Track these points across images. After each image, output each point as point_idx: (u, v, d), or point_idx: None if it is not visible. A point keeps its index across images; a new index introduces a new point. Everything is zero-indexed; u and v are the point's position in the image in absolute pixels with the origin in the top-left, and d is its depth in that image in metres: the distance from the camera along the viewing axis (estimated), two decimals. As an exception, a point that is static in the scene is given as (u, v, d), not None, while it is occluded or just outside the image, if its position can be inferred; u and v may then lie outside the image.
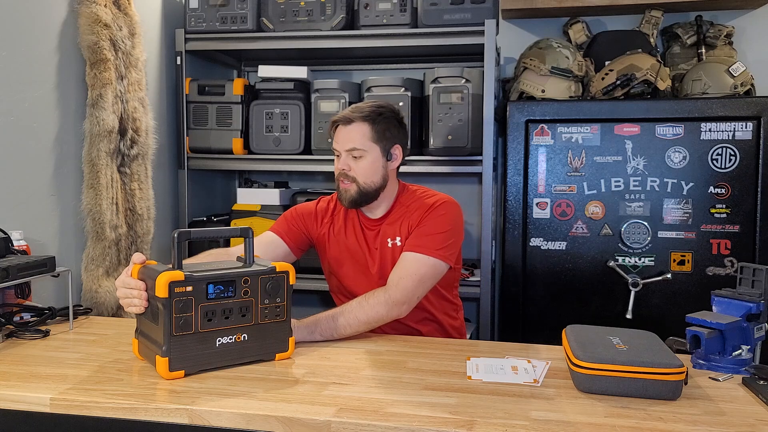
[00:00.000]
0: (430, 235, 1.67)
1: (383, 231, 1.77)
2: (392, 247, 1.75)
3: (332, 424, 1.07)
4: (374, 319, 1.57)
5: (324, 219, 1.84)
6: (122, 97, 2.13)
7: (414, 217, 1.73)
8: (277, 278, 1.37)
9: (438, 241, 1.66)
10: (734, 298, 1.37)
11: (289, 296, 1.39)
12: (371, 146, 1.70)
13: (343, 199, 1.74)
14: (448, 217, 1.71)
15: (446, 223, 1.70)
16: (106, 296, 2.05)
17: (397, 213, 1.78)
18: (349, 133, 1.70)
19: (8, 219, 1.77)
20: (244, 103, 2.58)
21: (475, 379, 1.27)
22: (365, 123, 1.70)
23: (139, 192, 2.22)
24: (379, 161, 1.72)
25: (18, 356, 1.41)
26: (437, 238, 1.66)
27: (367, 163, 1.70)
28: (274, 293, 1.36)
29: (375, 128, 1.70)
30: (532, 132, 2.36)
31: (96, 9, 2.02)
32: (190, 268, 1.30)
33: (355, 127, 1.70)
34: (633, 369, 1.16)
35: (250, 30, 2.51)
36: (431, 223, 1.69)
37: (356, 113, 1.71)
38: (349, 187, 1.71)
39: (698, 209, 2.27)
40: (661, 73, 2.33)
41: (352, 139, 1.70)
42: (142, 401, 1.14)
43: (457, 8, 2.34)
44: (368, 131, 1.70)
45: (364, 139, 1.70)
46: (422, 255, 1.64)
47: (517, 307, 2.41)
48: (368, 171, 1.70)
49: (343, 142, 1.71)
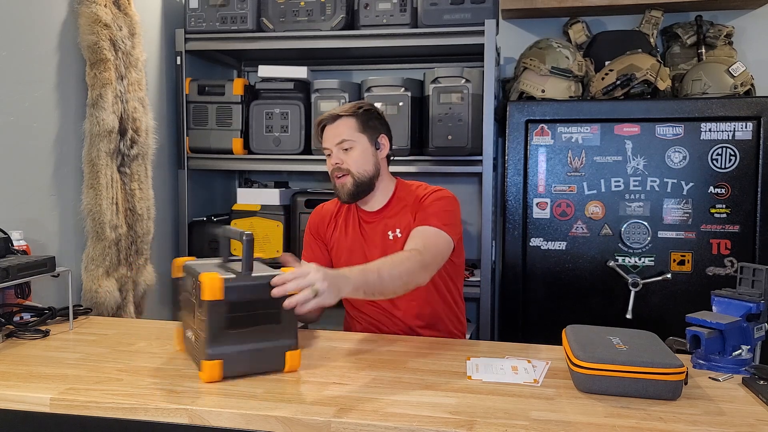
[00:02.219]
0: (436, 213, 1.71)
1: (382, 224, 1.81)
2: (393, 239, 1.78)
3: (332, 424, 1.07)
4: (412, 280, 1.52)
5: (329, 222, 1.90)
6: (122, 97, 2.13)
7: (414, 205, 1.78)
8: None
9: (444, 218, 1.71)
10: (734, 298, 1.37)
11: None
12: (359, 137, 1.78)
13: (341, 194, 1.79)
14: (449, 200, 1.77)
15: (448, 204, 1.76)
16: (106, 296, 2.04)
17: (395, 207, 1.82)
18: (336, 128, 1.78)
19: (8, 219, 1.77)
20: (244, 103, 2.58)
21: (475, 379, 1.27)
22: (350, 117, 1.79)
23: (139, 192, 2.22)
24: (368, 150, 1.79)
25: (18, 356, 1.41)
26: (443, 215, 1.72)
27: (357, 153, 1.77)
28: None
29: (359, 120, 1.79)
30: (532, 132, 2.36)
31: (96, 9, 2.01)
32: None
33: (341, 122, 1.79)
34: (633, 369, 1.16)
35: (250, 30, 2.51)
36: (436, 203, 1.74)
37: (340, 111, 1.81)
38: (345, 180, 1.77)
39: (698, 209, 2.26)
40: (661, 73, 2.33)
41: (341, 133, 1.77)
42: (142, 401, 1.14)
43: (457, 8, 2.34)
44: (353, 123, 1.78)
45: (352, 131, 1.78)
46: (434, 228, 1.68)
47: (517, 307, 2.41)
48: (360, 160, 1.77)
49: (332, 138, 1.79)
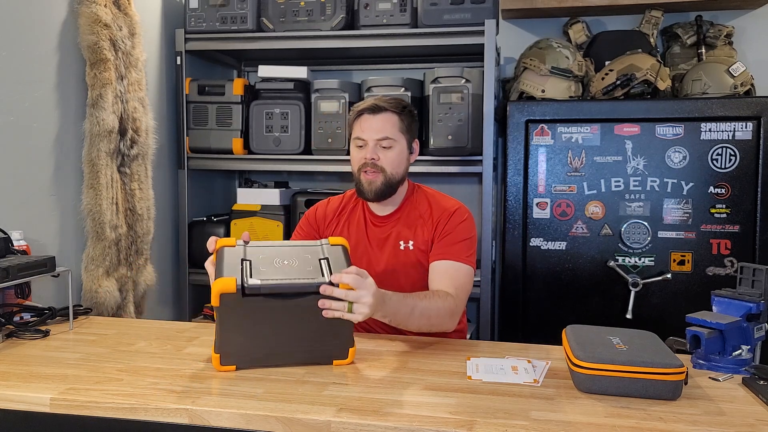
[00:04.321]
0: (461, 243, 1.67)
1: (393, 230, 1.76)
2: (405, 250, 1.73)
3: (332, 424, 1.07)
4: (437, 324, 1.52)
5: (332, 218, 1.84)
6: (122, 97, 2.13)
7: (431, 221, 1.72)
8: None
9: (468, 248, 1.67)
10: (734, 298, 1.37)
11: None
12: (400, 137, 1.70)
13: (368, 191, 1.70)
14: (469, 223, 1.72)
15: (470, 228, 1.71)
16: (106, 296, 2.05)
17: (407, 213, 1.76)
18: (379, 122, 1.68)
19: (8, 219, 1.77)
20: (244, 103, 2.58)
21: (475, 379, 1.27)
22: (394, 114, 1.70)
23: (139, 192, 2.22)
24: (404, 153, 1.72)
25: (18, 356, 1.41)
26: (467, 244, 1.68)
27: (395, 154, 1.69)
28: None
29: (403, 120, 1.71)
30: (532, 132, 2.36)
31: (96, 9, 2.01)
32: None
33: (385, 116, 1.69)
34: (633, 369, 1.16)
35: (250, 30, 2.51)
36: (460, 230, 1.69)
37: (384, 103, 1.70)
38: (376, 177, 1.68)
39: (698, 209, 2.26)
40: (661, 73, 2.33)
41: (384, 129, 1.68)
42: (142, 401, 1.14)
43: (457, 8, 2.34)
44: (397, 122, 1.70)
45: (395, 130, 1.69)
46: (462, 264, 1.65)
47: (517, 307, 2.41)
48: (396, 162, 1.69)
49: (374, 131, 1.68)
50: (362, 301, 1.29)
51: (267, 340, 1.32)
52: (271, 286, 1.29)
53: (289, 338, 1.33)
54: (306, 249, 1.42)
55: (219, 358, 1.30)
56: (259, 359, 1.32)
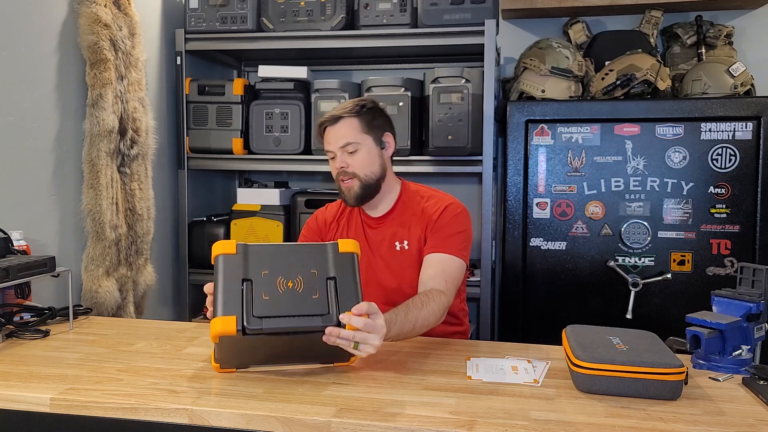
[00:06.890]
0: (453, 236, 1.67)
1: (388, 231, 1.76)
2: (401, 250, 1.74)
3: (332, 424, 1.07)
4: (433, 323, 1.51)
5: (332, 224, 1.85)
6: (122, 97, 2.13)
7: (424, 218, 1.72)
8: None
9: (460, 241, 1.68)
10: (734, 298, 1.37)
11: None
12: (363, 137, 1.71)
13: (348, 198, 1.73)
14: (463, 216, 1.72)
15: (463, 221, 1.72)
16: (106, 296, 2.05)
17: (401, 213, 1.77)
18: (339, 130, 1.70)
19: (8, 219, 1.77)
20: (244, 103, 2.58)
21: (475, 379, 1.27)
22: (352, 117, 1.70)
23: (139, 192, 2.22)
24: (374, 150, 1.72)
25: (18, 356, 1.41)
26: (459, 238, 1.68)
27: (363, 155, 1.70)
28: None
29: (362, 120, 1.71)
30: (532, 132, 2.36)
31: (96, 9, 2.01)
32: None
33: (343, 123, 1.70)
34: (633, 369, 1.16)
35: (250, 30, 2.51)
36: (452, 224, 1.69)
37: (340, 111, 1.72)
38: (352, 184, 1.70)
39: (698, 209, 2.26)
40: (661, 73, 2.33)
41: (344, 135, 1.70)
42: (142, 401, 1.14)
43: (457, 8, 2.34)
44: (357, 124, 1.70)
45: (356, 132, 1.70)
46: (453, 257, 1.65)
47: (517, 307, 2.41)
48: (366, 163, 1.70)
49: (335, 141, 1.71)
50: (369, 342, 1.25)
51: (268, 358, 1.33)
52: (274, 328, 1.21)
53: (290, 353, 1.33)
54: (312, 259, 1.30)
55: (218, 366, 1.30)
56: (259, 365, 1.33)
